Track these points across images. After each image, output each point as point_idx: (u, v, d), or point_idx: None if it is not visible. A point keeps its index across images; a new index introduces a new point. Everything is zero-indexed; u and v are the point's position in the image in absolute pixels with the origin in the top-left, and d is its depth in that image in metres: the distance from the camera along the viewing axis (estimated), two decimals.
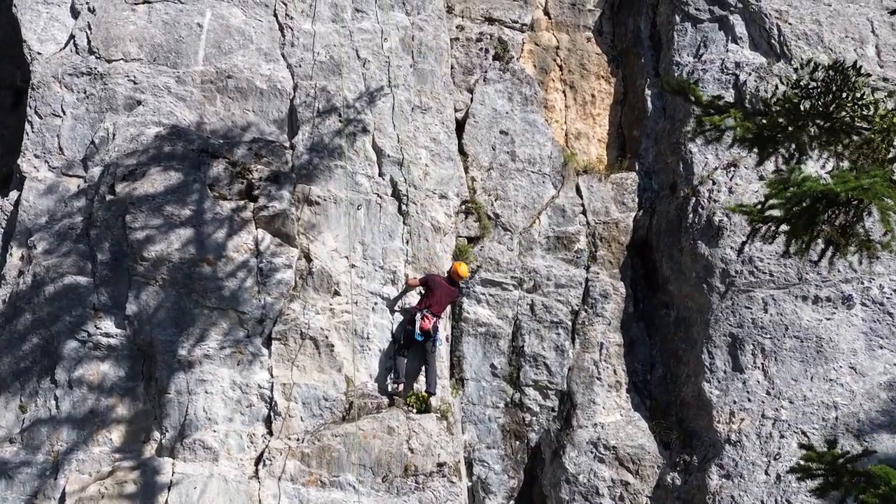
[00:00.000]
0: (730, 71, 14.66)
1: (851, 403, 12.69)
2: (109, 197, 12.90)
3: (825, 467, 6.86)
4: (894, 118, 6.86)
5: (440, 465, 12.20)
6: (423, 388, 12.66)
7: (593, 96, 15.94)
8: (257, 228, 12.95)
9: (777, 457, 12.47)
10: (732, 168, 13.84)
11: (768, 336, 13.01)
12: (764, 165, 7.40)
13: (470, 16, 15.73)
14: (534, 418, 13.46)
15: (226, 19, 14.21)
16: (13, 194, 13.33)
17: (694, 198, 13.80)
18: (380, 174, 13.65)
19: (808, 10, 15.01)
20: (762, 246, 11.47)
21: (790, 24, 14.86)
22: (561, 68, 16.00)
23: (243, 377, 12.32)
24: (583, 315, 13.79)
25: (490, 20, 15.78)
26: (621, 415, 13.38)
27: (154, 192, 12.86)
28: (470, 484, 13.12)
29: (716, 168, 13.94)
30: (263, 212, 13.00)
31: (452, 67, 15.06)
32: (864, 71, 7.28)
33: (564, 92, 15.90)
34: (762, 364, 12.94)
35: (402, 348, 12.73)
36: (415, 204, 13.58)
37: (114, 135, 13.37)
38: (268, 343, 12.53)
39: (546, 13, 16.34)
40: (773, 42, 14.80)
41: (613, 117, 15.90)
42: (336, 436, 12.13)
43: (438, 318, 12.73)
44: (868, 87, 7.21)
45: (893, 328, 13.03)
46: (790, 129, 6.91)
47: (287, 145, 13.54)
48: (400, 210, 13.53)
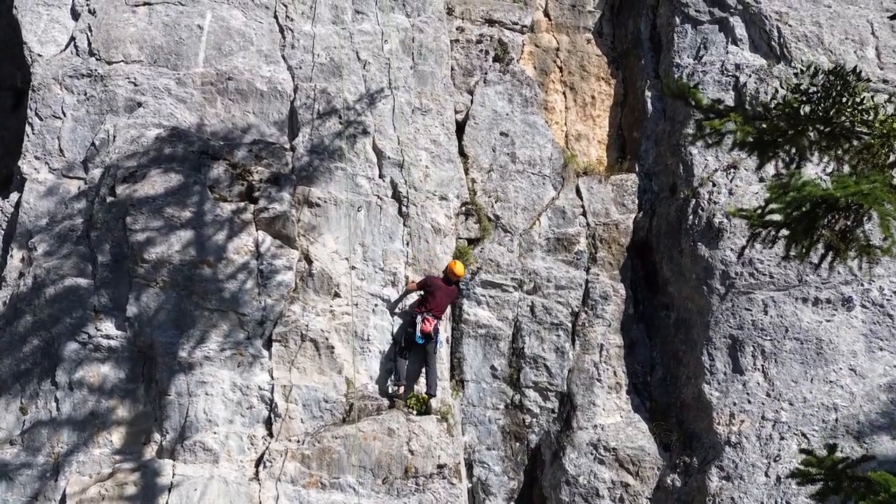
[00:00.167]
0: (730, 73, 14.65)
1: (851, 405, 12.70)
2: (110, 199, 12.90)
3: (825, 472, 6.86)
4: (894, 123, 6.85)
5: (440, 467, 12.21)
6: (424, 390, 12.68)
7: (593, 98, 15.93)
8: (258, 230, 12.95)
9: (777, 458, 12.48)
10: (732, 170, 13.84)
11: (768, 338, 13.02)
12: (764, 168, 7.40)
13: (470, 17, 15.71)
14: (534, 420, 13.47)
15: (226, 21, 14.20)
16: (13, 196, 13.33)
17: (694, 199, 13.80)
18: (380, 176, 13.65)
19: (809, 12, 15.00)
20: (762, 248, 11.47)
21: (790, 26, 14.84)
22: (561, 70, 15.99)
23: (244, 379, 12.33)
24: (583, 316, 13.79)
25: (490, 22, 15.75)
26: (621, 416, 13.38)
27: (154, 194, 12.87)
28: (470, 485, 13.13)
29: (716, 170, 13.94)
30: (264, 213, 13.00)
31: (452, 69, 15.04)
32: (865, 76, 7.28)
33: (564, 93, 15.89)
34: (762, 366, 12.94)
35: (403, 350, 12.73)
36: (415, 205, 13.58)
37: (114, 136, 13.36)
38: (268, 345, 12.53)
39: (546, 15, 16.32)
40: (774, 44, 14.79)
41: (613, 119, 15.89)
42: (336, 437, 12.13)
43: (439, 320, 12.75)
44: (868, 92, 7.20)
45: (893, 330, 13.04)
46: (790, 134, 6.90)
47: (287, 147, 13.54)
48: (400, 212, 13.53)
